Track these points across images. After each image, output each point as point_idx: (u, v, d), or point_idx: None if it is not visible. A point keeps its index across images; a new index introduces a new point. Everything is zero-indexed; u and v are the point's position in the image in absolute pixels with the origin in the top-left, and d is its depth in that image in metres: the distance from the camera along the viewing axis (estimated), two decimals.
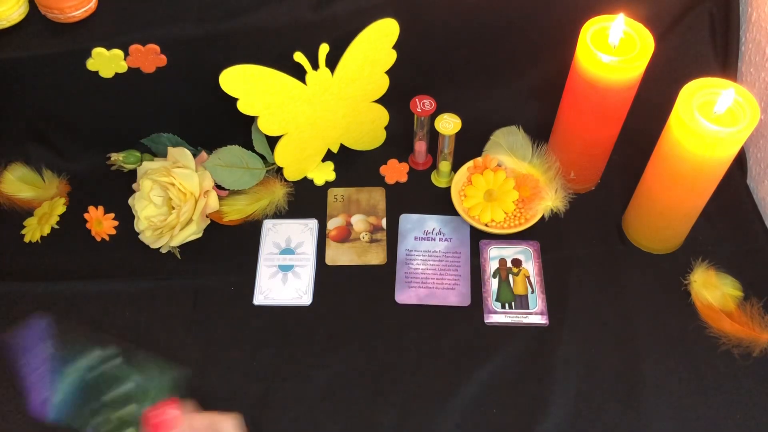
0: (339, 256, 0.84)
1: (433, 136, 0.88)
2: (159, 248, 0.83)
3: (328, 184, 0.91)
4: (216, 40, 0.79)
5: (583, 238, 0.85)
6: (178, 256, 0.84)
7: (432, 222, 0.87)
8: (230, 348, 0.78)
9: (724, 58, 0.91)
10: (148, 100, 0.85)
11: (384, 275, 0.83)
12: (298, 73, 0.79)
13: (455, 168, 0.88)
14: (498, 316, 0.79)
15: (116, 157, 0.88)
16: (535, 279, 0.82)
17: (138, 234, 0.84)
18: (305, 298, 0.81)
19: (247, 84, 0.76)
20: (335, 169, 0.92)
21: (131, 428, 0.62)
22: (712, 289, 0.77)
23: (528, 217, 0.83)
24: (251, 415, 0.70)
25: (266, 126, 0.81)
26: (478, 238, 0.85)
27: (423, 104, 0.84)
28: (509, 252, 0.84)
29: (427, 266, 0.83)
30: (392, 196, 0.89)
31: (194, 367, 0.75)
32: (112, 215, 0.86)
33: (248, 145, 0.86)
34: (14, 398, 0.73)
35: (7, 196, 0.87)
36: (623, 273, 0.82)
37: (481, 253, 0.84)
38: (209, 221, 0.84)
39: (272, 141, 0.85)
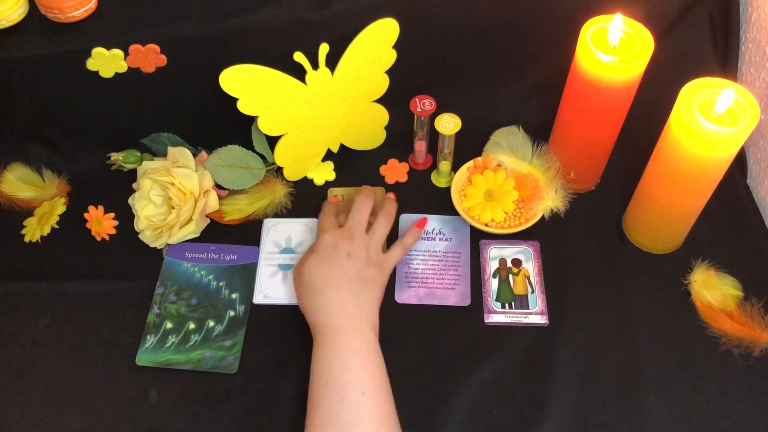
0: None
1: (433, 136, 0.88)
2: (158, 248, 0.83)
3: (328, 184, 0.91)
4: (216, 40, 0.79)
5: (583, 238, 0.85)
6: None
7: (432, 222, 0.87)
8: None
9: (724, 58, 0.91)
10: (148, 100, 0.85)
11: None
12: (298, 73, 0.79)
13: (455, 168, 0.88)
14: (498, 316, 0.79)
15: (116, 157, 0.88)
16: (535, 279, 0.82)
17: (138, 233, 0.84)
18: None
19: (247, 84, 0.76)
20: (335, 169, 0.92)
21: None
22: (712, 289, 0.77)
23: (528, 217, 0.83)
24: None
25: (266, 126, 0.81)
26: (478, 238, 0.85)
27: (423, 104, 0.84)
28: (509, 252, 0.84)
29: (427, 266, 0.83)
30: None
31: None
32: (112, 215, 0.86)
33: (248, 145, 0.86)
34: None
35: (7, 196, 0.87)
36: (623, 273, 0.82)
37: (481, 253, 0.84)
38: (209, 221, 0.84)
39: (272, 141, 0.85)
